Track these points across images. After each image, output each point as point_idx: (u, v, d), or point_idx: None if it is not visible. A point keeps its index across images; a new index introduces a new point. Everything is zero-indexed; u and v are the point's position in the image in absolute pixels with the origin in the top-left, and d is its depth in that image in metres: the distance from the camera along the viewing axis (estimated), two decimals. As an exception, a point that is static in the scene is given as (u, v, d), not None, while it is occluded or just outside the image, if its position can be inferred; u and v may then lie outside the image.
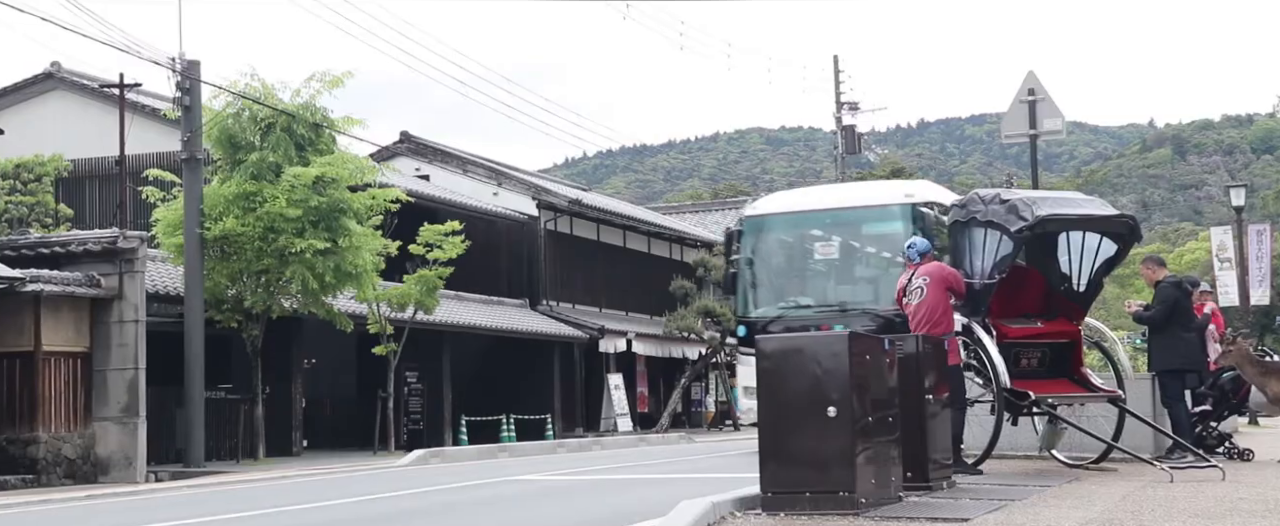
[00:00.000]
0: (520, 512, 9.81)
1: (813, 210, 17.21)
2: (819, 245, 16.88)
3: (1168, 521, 7.48)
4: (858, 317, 15.24)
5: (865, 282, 16.59)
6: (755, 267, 16.83)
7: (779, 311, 16.36)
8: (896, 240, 15.32)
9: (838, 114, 44.79)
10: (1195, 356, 12.94)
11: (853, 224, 16.76)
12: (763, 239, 17.02)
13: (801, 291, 16.82)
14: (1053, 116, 17.79)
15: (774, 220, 17.19)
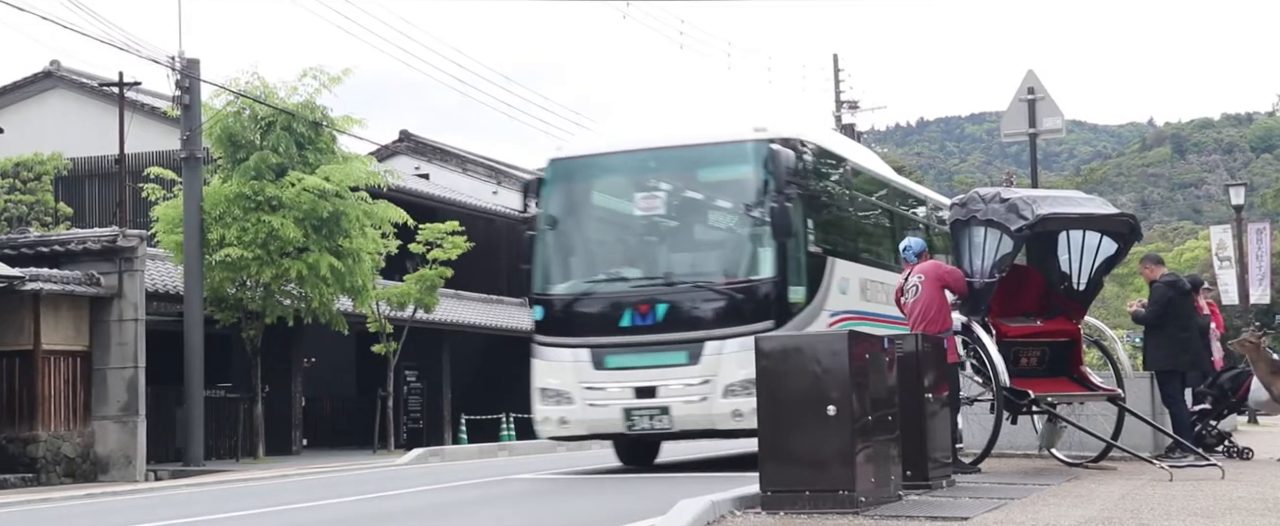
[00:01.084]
0: (520, 511, 9.81)
1: (633, 151, 13.77)
2: (641, 197, 13.37)
3: (1167, 520, 7.48)
4: (689, 293, 12.75)
5: (704, 247, 13.52)
6: (560, 229, 13.39)
7: (586, 287, 13.17)
8: (745, 189, 12.78)
9: (837, 113, 44.77)
10: (1192, 355, 12.93)
11: (686, 169, 13.57)
12: (570, 190, 13.62)
13: (618, 260, 13.49)
14: (1052, 115, 17.79)
15: (584, 166, 13.76)
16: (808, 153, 13.38)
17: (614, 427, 12.74)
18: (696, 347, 12.39)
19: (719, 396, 12.24)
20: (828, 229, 13.87)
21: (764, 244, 12.58)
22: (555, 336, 13.09)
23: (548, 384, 12.95)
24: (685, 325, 12.56)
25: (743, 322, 12.18)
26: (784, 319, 12.40)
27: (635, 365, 12.60)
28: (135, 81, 24.80)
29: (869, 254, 15.30)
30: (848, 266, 14.07)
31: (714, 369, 12.29)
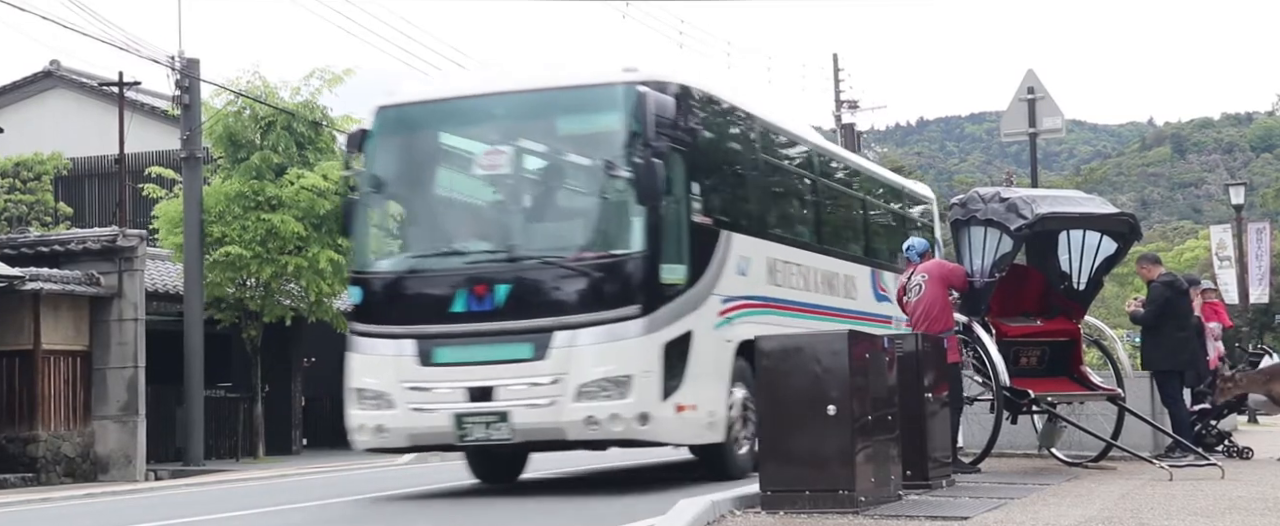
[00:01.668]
0: (519, 510, 9.81)
1: (476, 96, 11.35)
2: (484, 153, 11.20)
3: (1167, 519, 7.48)
4: (538, 272, 10.48)
5: (559, 215, 11.19)
6: (386, 192, 11.13)
7: (413, 264, 10.96)
8: (609, 142, 10.48)
9: (837, 112, 44.85)
10: (1189, 355, 12.94)
11: (539, 117, 11.25)
12: (400, 145, 11.31)
13: (453, 231, 11.27)
14: (1052, 115, 17.80)
15: (418, 114, 11.44)
16: (694, 102, 11.10)
17: (442, 437, 10.51)
18: (544, 339, 10.17)
19: (570, 399, 10.08)
20: (722, 196, 11.71)
21: (630, 211, 10.29)
22: (374, 325, 10.83)
23: (364, 384, 10.76)
24: (531, 311, 10.30)
25: (601, 308, 10.16)
26: (655, 303, 10.26)
27: (469, 360, 10.36)
28: (135, 81, 24.82)
29: (783, 230, 13.14)
30: (750, 243, 11.86)
31: (565, 365, 10.11)
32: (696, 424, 10.63)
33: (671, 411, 10.32)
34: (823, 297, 13.47)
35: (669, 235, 10.55)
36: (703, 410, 10.66)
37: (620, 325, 10.21)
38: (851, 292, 14.42)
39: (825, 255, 13.84)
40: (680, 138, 10.58)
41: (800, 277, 12.98)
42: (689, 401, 10.47)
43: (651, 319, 10.27)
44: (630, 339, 10.19)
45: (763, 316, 11.75)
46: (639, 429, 10.17)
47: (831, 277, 13.87)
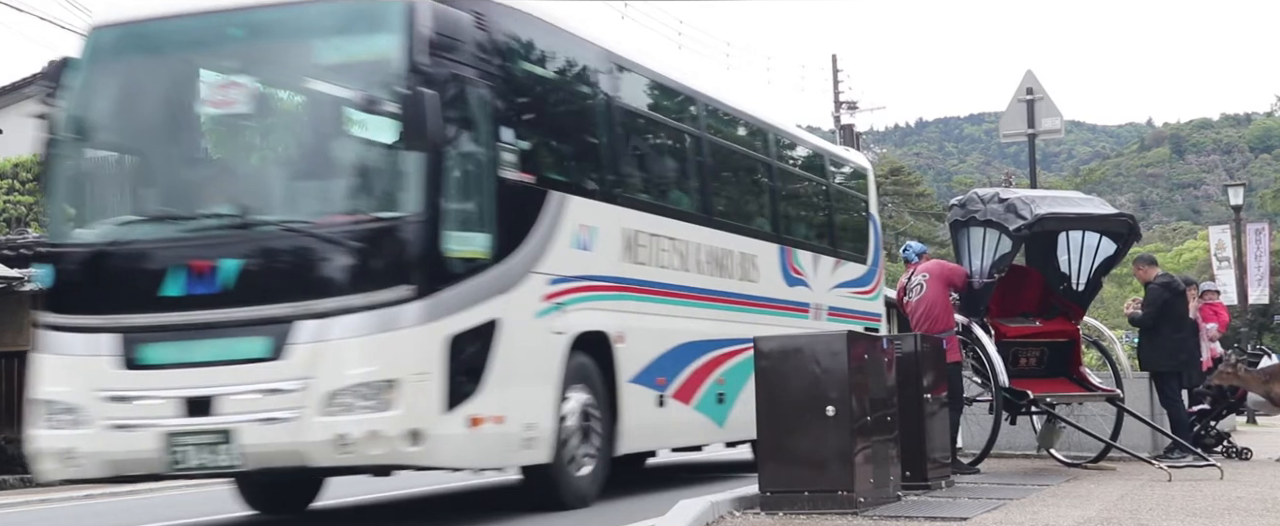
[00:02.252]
0: (519, 510, 9.80)
1: (204, 12, 8.66)
2: (216, 90, 8.70)
3: (1166, 520, 7.49)
4: (276, 242, 8.03)
5: (310, 167, 8.52)
6: (91, 139, 8.66)
7: (116, 232, 8.38)
8: (375, 71, 8.10)
9: (836, 113, 44.87)
10: (1187, 356, 12.95)
11: (285, 40, 8.68)
12: (109, 77, 8.79)
13: (170, 188, 8.67)
14: (1051, 115, 17.78)
15: (131, 37, 8.81)
16: (509, 22, 8.93)
17: (148, 464, 8.08)
18: (283, 331, 7.80)
19: (316, 412, 7.70)
20: (555, 149, 9.63)
21: (403, 162, 7.92)
22: (66, 315, 8.37)
23: (51, 393, 8.43)
24: (268, 295, 7.88)
25: (361, 289, 7.79)
26: (437, 283, 7.93)
27: (185, 361, 7.96)
28: (134, 82, 24.77)
29: (651, 195, 11.03)
30: (597, 209, 9.75)
31: (310, 366, 7.73)
32: (503, 441, 8.32)
33: (460, 426, 7.94)
34: (709, 280, 11.48)
35: (462, 194, 8.23)
36: (514, 423, 8.38)
37: (386, 312, 7.77)
38: (752, 274, 12.40)
39: (713, 228, 11.67)
40: (485, 68, 8.39)
41: (675, 255, 10.84)
42: (490, 412, 8.13)
43: (431, 303, 7.84)
44: (399, 330, 7.74)
45: (615, 302, 9.83)
46: (408, 450, 7.72)
47: (722, 256, 11.78)
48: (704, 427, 11.47)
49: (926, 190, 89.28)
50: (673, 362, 10.73)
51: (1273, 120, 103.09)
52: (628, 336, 9.97)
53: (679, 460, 14.35)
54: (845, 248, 15.18)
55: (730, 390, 11.61)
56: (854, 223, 16.03)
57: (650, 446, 11.47)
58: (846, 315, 14.51)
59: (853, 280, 15.13)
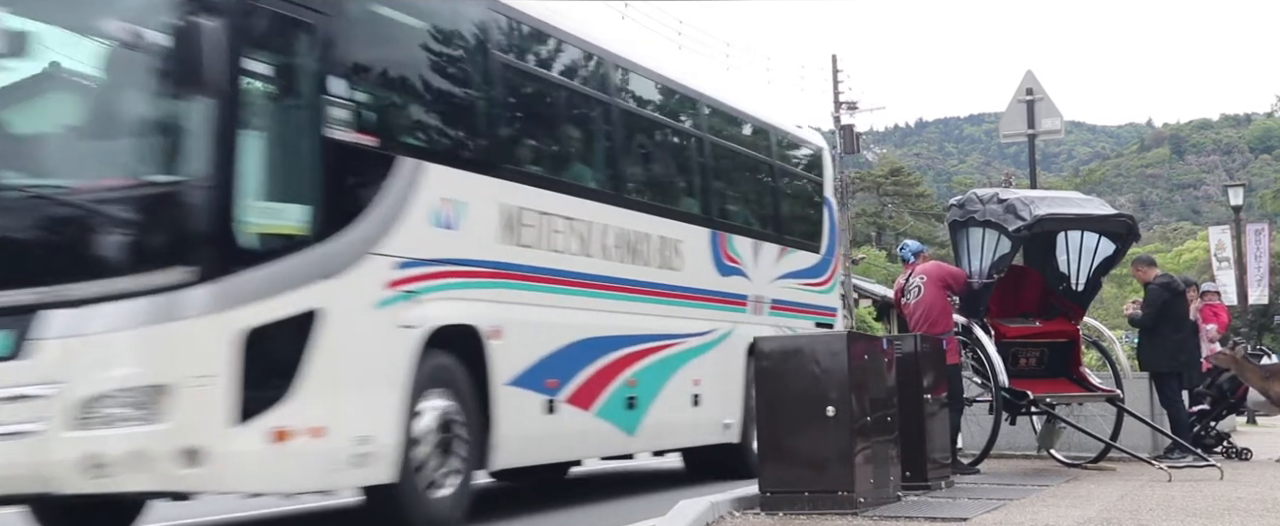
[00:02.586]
0: (519, 510, 9.81)
1: None
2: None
3: (1166, 520, 7.49)
4: (21, 211, 6.59)
5: (65, 119, 7.16)
6: None
7: None
8: (144, 4, 6.73)
9: (836, 113, 44.86)
10: (1186, 357, 12.95)
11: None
12: None
13: None
14: (1051, 116, 17.78)
15: None
16: None
17: None
18: (25, 323, 6.38)
19: (64, 426, 6.27)
20: (409, 107, 8.16)
21: (183, 112, 6.45)
22: None
23: None
24: (5, 277, 6.50)
25: (128, 272, 6.37)
26: (231, 263, 6.50)
27: None
28: (134, 82, 24.75)
29: (541, 167, 9.48)
30: (466, 180, 8.31)
31: (61, 367, 6.30)
32: (324, 459, 6.87)
33: (258, 441, 6.48)
34: (618, 267, 10.03)
35: (270, 155, 6.81)
36: (341, 436, 6.94)
37: (160, 300, 6.32)
38: (674, 262, 10.98)
39: (625, 208, 10.30)
40: (310, 3, 7.03)
41: (573, 237, 9.41)
42: (304, 423, 6.69)
43: (221, 288, 6.40)
44: (176, 322, 6.31)
45: (490, 290, 8.32)
46: (182, 474, 6.30)
47: (636, 240, 10.36)
48: (608, 437, 9.87)
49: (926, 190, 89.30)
50: (568, 362, 9.18)
51: (1273, 120, 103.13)
52: (507, 331, 8.38)
53: (608, 469, 13.40)
54: (794, 234, 13.77)
55: (644, 393, 10.28)
56: (805, 207, 14.55)
57: (536, 460, 9.52)
58: (794, 309, 13.28)
59: (803, 270, 13.71)
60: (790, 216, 13.96)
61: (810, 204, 14.66)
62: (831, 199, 15.04)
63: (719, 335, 11.67)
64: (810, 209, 14.62)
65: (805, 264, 13.81)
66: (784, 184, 14.03)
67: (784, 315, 12.97)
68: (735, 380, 11.81)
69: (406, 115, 8.14)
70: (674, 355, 10.94)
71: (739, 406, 11.83)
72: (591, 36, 10.50)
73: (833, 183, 15.29)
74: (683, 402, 11.04)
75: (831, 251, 14.68)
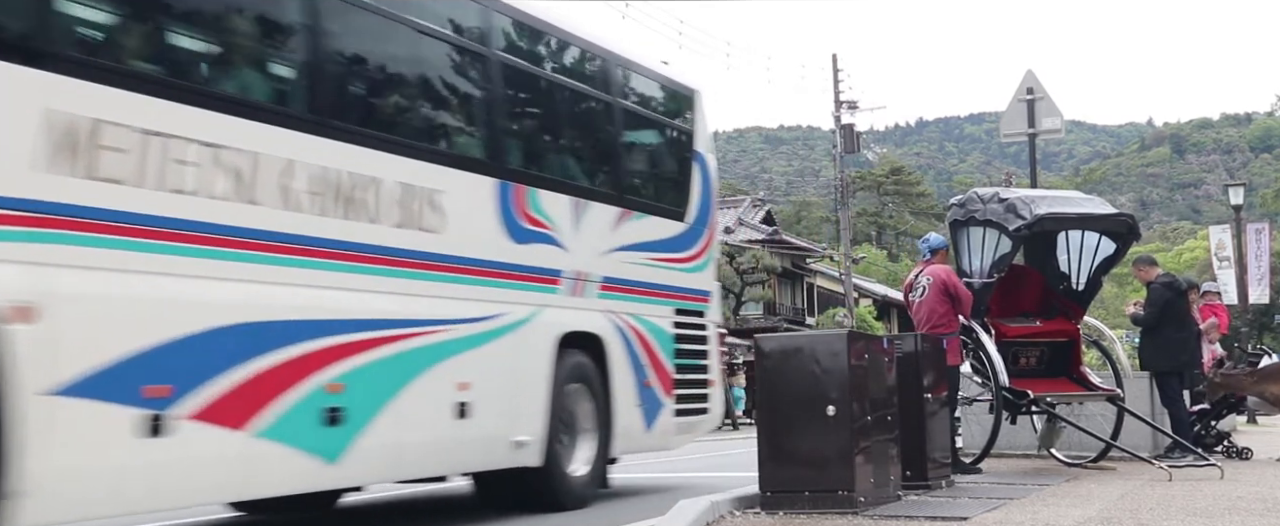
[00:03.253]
0: (518, 511, 9.80)
1: None
2: None
3: (1166, 520, 7.49)
4: None
5: None
6: None
7: None
8: None
9: (836, 113, 44.80)
10: (1187, 356, 12.95)
11: None
12: None
13: None
14: (1051, 115, 17.78)
15: None
16: None
17: None
18: None
19: None
20: None
21: None
22: None
23: None
24: None
25: None
26: None
27: None
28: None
29: (154, 60, 6.72)
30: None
31: None
32: None
33: None
34: (315, 222, 7.28)
35: None
36: None
37: None
38: (427, 220, 8.16)
39: (332, 138, 7.49)
40: None
41: (216, 173, 6.68)
42: None
43: None
44: None
45: (12, 245, 5.62)
46: None
47: (354, 187, 7.57)
48: (288, 467, 7.05)
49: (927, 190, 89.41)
50: (195, 358, 6.44)
51: (1273, 120, 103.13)
52: (50, 310, 5.68)
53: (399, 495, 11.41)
54: (645, 196, 10.99)
55: (358, 403, 7.46)
56: (665, 163, 11.68)
57: (119, 508, 6.27)
58: (643, 292, 10.54)
59: (658, 242, 10.86)
60: (639, 172, 11.22)
61: (673, 159, 11.64)
62: (708, 156, 11.95)
63: (507, 323, 8.72)
64: (673, 165, 11.63)
65: (662, 233, 10.93)
66: (631, 131, 10.94)
67: (625, 298, 10.23)
68: (534, 383, 9.01)
69: None
70: (420, 349, 7.96)
71: (541, 417, 9.02)
72: None
73: (709, 136, 12.05)
74: (436, 415, 8.12)
75: (704, 220, 11.67)
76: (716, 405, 11.72)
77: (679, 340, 11.07)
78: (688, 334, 11.24)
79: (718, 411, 11.85)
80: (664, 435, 10.97)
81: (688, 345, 11.21)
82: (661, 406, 10.80)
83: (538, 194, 9.31)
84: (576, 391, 9.70)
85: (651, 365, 10.62)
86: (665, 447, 11.44)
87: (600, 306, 9.99)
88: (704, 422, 11.60)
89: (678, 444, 11.55)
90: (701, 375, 11.42)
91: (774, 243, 47.84)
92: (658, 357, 10.76)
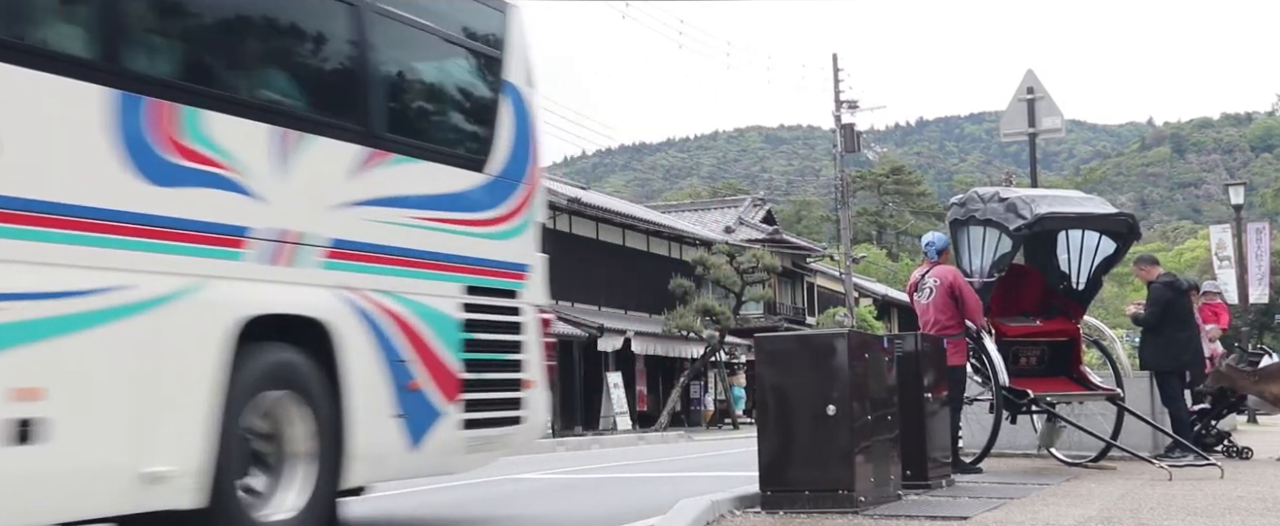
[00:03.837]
0: (519, 511, 9.81)
1: None
2: None
3: (1166, 519, 7.49)
4: None
5: None
6: None
7: None
8: None
9: (837, 112, 44.82)
10: (1189, 355, 12.95)
11: None
12: None
13: None
14: (1052, 115, 17.79)
15: None
16: None
17: None
18: None
19: None
20: None
21: None
22: None
23: None
24: None
25: None
26: None
27: None
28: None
29: None
30: None
31: None
32: None
33: None
34: None
35: None
36: None
37: None
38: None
39: None
40: None
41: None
42: None
43: None
44: None
45: None
46: None
47: None
48: None
49: (927, 190, 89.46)
50: None
51: (1274, 119, 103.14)
52: None
53: None
54: (413, 133, 8.12)
55: None
56: (448, 93, 8.90)
57: None
58: (405, 262, 7.69)
59: (435, 197, 8.02)
60: (406, 102, 8.40)
61: (466, 89, 9.01)
62: (522, 89, 9.00)
63: (131, 301, 5.95)
64: (465, 97, 8.99)
65: (446, 186, 8.16)
66: (392, 46, 7.99)
67: (373, 270, 7.45)
68: (187, 389, 6.21)
69: None
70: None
71: (200, 439, 6.20)
72: None
73: (528, 64, 9.15)
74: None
75: (519, 171, 8.85)
76: (536, 413, 8.64)
77: (472, 328, 8.03)
78: (487, 320, 8.18)
79: (538, 420, 8.73)
80: (444, 454, 7.94)
81: (486, 334, 8.15)
82: (438, 416, 7.77)
83: (200, 116, 6.44)
84: (279, 400, 6.78)
85: (421, 361, 7.64)
86: (448, 470, 8.46)
87: (327, 280, 7.11)
88: (514, 435, 8.52)
89: (470, 465, 8.51)
90: (510, 374, 8.37)
91: (774, 242, 47.90)
92: (432, 351, 7.73)
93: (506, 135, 8.77)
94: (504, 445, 8.66)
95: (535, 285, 8.89)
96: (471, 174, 8.42)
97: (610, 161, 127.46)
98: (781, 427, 8.03)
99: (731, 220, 49.17)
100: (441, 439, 7.87)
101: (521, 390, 8.52)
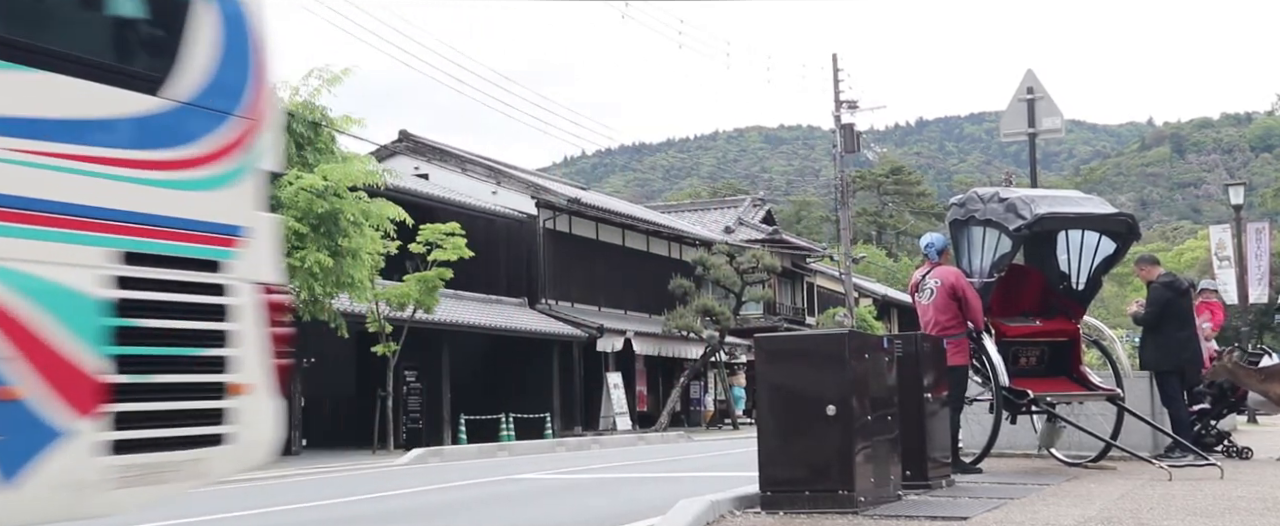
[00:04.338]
0: (519, 511, 9.82)
1: None
2: None
3: (1166, 519, 7.49)
4: None
5: None
6: None
7: None
8: None
9: (836, 112, 44.78)
10: (1188, 355, 12.95)
11: None
12: None
13: None
14: (1052, 115, 17.78)
15: None
16: None
17: None
18: None
19: None
20: None
21: None
22: None
23: None
24: None
25: None
26: None
27: None
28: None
29: None
30: None
31: None
32: None
33: None
34: None
35: None
36: None
37: None
38: None
39: None
40: None
41: None
42: None
43: None
44: None
45: None
46: None
47: None
48: None
49: (927, 190, 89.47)
50: None
51: (1273, 119, 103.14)
52: None
53: None
54: (18, 24, 5.06)
55: None
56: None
57: None
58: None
59: (61, 123, 5.09)
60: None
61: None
62: (241, 11, 6.11)
63: None
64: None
65: (93, 110, 5.34)
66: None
67: None
68: None
69: None
70: None
71: None
72: None
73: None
74: None
75: (229, 98, 6.11)
76: (254, 427, 5.97)
77: (129, 311, 5.35)
78: (160, 301, 5.54)
79: (259, 436, 6.02)
80: (65, 490, 5.05)
81: (157, 321, 5.53)
82: (54, 437, 5.03)
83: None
84: None
85: (24, 358, 4.98)
86: (79, 515, 5.20)
87: None
88: (210, 459, 5.82)
89: (123, 504, 5.40)
90: (202, 376, 5.79)
91: (774, 242, 47.89)
92: (43, 343, 5.06)
93: (207, 46, 5.96)
94: (192, 473, 5.93)
95: (256, 255, 6.21)
96: (137, 96, 5.64)
97: (610, 162, 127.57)
98: (781, 428, 8.04)
99: (731, 220, 49.17)
100: (59, 470, 5.06)
101: (225, 397, 5.96)
